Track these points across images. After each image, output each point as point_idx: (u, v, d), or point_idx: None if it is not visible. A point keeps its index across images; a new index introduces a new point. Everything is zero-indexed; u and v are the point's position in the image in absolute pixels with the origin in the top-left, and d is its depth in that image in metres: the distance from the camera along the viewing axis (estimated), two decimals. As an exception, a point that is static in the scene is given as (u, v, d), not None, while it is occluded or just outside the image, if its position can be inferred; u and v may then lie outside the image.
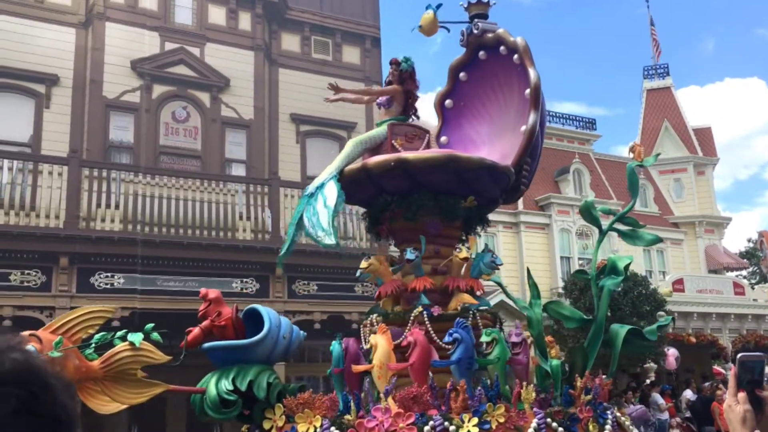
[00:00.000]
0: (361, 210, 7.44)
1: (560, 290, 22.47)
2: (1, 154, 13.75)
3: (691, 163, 29.63)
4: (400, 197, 6.73)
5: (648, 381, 20.19)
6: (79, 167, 14.09)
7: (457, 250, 6.67)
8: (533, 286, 7.33)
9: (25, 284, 13.11)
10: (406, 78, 7.57)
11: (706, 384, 19.84)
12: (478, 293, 6.95)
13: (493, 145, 7.35)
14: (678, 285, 23.82)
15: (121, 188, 13.94)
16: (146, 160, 14.71)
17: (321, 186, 6.68)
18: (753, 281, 36.98)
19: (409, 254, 6.47)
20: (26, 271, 13.21)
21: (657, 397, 18.49)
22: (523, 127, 6.89)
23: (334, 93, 7.83)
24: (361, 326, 6.86)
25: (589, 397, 6.00)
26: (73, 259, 13.49)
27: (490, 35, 7.54)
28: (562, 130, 27.13)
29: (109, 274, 13.56)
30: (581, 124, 27.92)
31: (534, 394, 5.61)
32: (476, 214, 7.03)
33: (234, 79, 16.18)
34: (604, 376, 6.88)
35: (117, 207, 13.97)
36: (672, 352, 20.18)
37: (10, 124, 14.11)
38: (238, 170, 15.90)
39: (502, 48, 7.41)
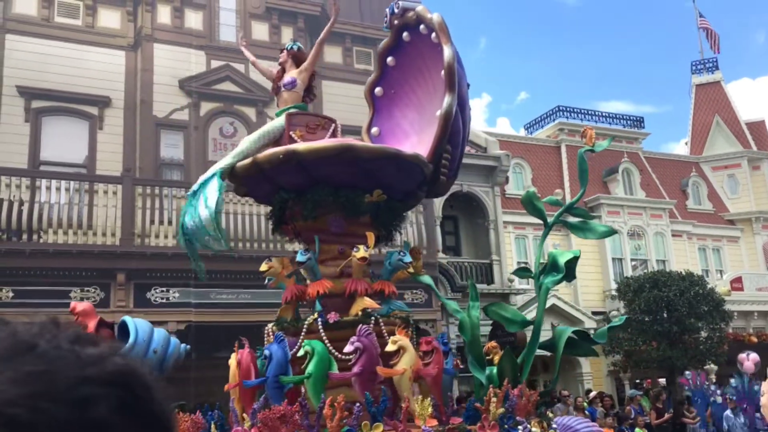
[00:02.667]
0: (411, 217, 7.34)
1: (613, 292, 22.07)
2: (59, 175, 14.23)
3: (746, 158, 28.79)
4: (298, 194, 6.10)
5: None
6: (133, 185, 14.47)
7: (355, 250, 5.89)
8: (472, 287, 6.80)
9: (85, 301, 13.51)
10: (302, 59, 6.91)
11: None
12: (393, 296, 6.25)
13: (423, 133, 6.65)
14: (736, 283, 23.16)
15: (173, 204, 14.26)
16: (196, 176, 14.99)
17: (204, 183, 6.13)
18: (816, 277, 35.64)
19: (300, 256, 5.85)
20: (86, 288, 13.61)
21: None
22: (438, 112, 6.12)
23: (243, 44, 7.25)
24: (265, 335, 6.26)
25: (501, 410, 5.39)
26: (130, 275, 13.85)
27: (410, 14, 6.79)
28: (609, 129, 26.69)
29: (164, 289, 13.87)
30: (629, 122, 27.45)
31: (430, 409, 5.07)
32: (387, 209, 6.32)
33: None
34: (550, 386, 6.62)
35: (170, 223, 14.28)
36: (752, 357, 19.48)
37: (67, 146, 14.59)
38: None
39: (422, 27, 6.68)
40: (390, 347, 5.27)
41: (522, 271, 7.28)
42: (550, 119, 26.44)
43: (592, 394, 16.90)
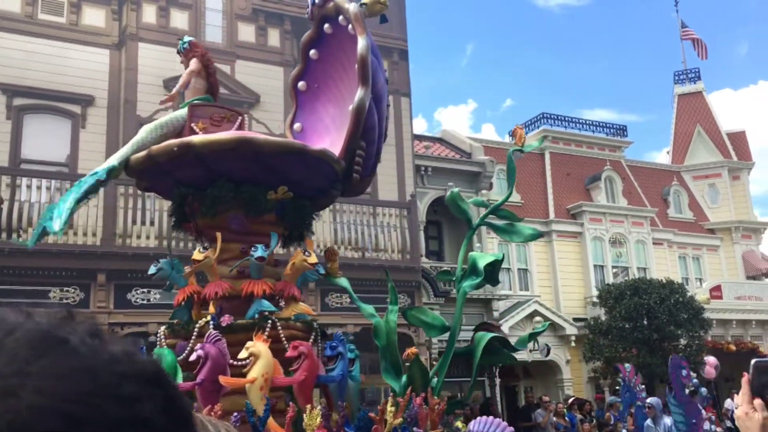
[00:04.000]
0: (394, 221, 7.33)
1: (594, 299, 22.22)
2: (41, 174, 14.07)
3: (726, 168, 29.14)
4: (197, 189, 5.80)
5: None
6: (115, 185, 14.35)
7: (254, 249, 5.55)
8: (392, 290, 6.57)
9: (64, 301, 13.36)
10: (192, 56, 6.68)
11: (748, 393, 19.41)
12: (295, 299, 5.88)
13: (342, 129, 6.30)
14: (716, 292, 23.41)
15: (155, 205, 14.15)
16: (179, 177, 14.94)
17: (94, 173, 5.85)
18: (793, 287, 36.12)
19: (197, 255, 5.56)
20: (65, 288, 13.46)
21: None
22: (351, 107, 5.82)
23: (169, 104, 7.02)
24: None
25: (399, 420, 5.12)
26: (111, 275, 13.72)
27: (330, 4, 6.45)
28: (592, 137, 26.93)
29: (145, 290, 13.75)
30: (612, 131, 27.69)
31: (319, 419, 4.73)
32: (294, 207, 5.99)
33: (264, 95, 16.36)
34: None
35: (152, 224, 14.18)
36: (710, 361, 19.75)
37: (48, 144, 14.44)
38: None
39: (341, 18, 6.37)
40: (242, 354, 4.95)
41: (443, 274, 6.90)
42: (534, 126, 26.60)
43: (571, 399, 17.01)
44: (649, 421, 10.10)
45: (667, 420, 9.78)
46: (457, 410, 6.66)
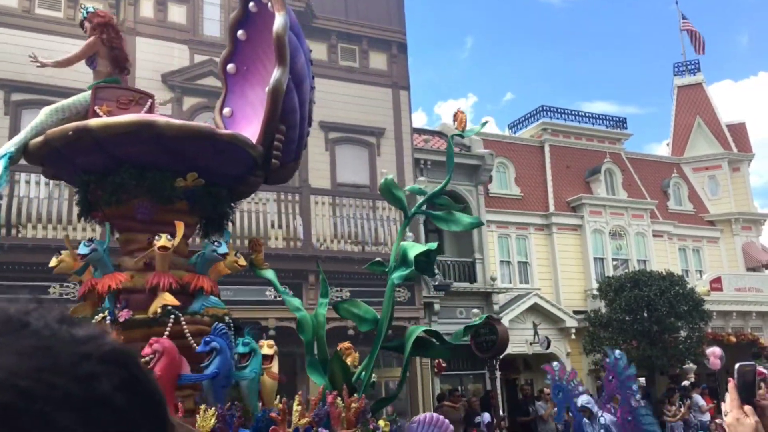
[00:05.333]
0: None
1: (594, 292, 22.22)
2: (39, 169, 14.03)
3: (726, 160, 29.10)
4: (100, 176, 5.45)
5: (687, 382, 19.85)
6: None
7: (156, 238, 5.17)
8: (323, 282, 6.31)
9: (64, 297, 13.36)
10: (98, 28, 6.23)
11: (748, 384, 19.44)
12: (205, 291, 5.56)
13: None
14: (716, 284, 23.41)
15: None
16: (178, 172, 14.93)
17: None
18: (793, 278, 36.15)
19: (83, 248, 5.20)
20: (65, 284, 13.45)
21: (698, 398, 18.18)
22: (267, 88, 5.47)
23: (38, 64, 6.59)
24: None
25: (304, 421, 4.89)
26: (110, 270, 13.70)
27: None
28: (592, 129, 26.87)
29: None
30: (611, 123, 27.63)
31: (214, 420, 4.45)
32: (207, 195, 5.64)
33: (262, 89, 16.33)
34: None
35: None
36: (716, 352, 19.76)
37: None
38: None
39: None
40: (267, 351, 4.89)
41: (375, 265, 6.46)
42: (533, 119, 26.55)
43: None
44: (585, 420, 10.05)
45: (608, 417, 9.65)
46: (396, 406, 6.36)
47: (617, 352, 10.22)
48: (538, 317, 21.31)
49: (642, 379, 21.89)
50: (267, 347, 5.24)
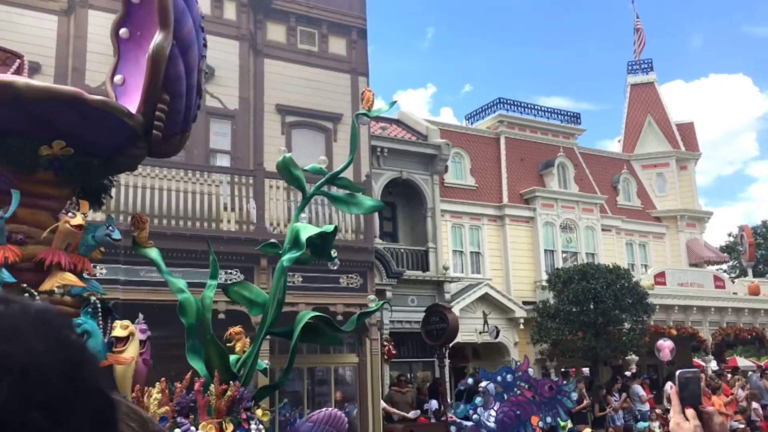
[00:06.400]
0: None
1: (544, 283, 22.60)
2: None
3: (674, 158, 29.87)
4: None
5: (628, 373, 20.40)
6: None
7: (71, 215, 4.94)
8: (213, 263, 5.99)
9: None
10: None
11: (687, 376, 20.06)
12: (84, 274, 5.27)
13: None
14: (660, 278, 24.05)
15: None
16: (129, 150, 14.59)
17: None
18: (733, 275, 37.41)
19: None
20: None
21: (638, 388, 18.71)
22: (147, 54, 5.12)
23: None
24: None
25: (164, 410, 4.69)
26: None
27: None
28: (547, 123, 27.24)
29: (92, 264, 13.42)
30: (566, 118, 28.04)
31: None
32: (78, 166, 5.27)
33: (219, 69, 16.04)
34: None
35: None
36: (666, 345, 20.32)
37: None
38: (223, 161, 15.78)
39: None
40: (119, 332, 4.59)
41: (268, 247, 6.18)
42: (490, 111, 26.76)
43: None
44: (480, 407, 9.90)
45: (496, 406, 9.62)
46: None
47: (575, 394, 10.49)
48: (489, 307, 21.60)
49: (586, 369, 22.46)
50: (120, 328, 4.81)
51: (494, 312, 21.75)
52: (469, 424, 9.83)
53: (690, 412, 1.74)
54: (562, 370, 22.13)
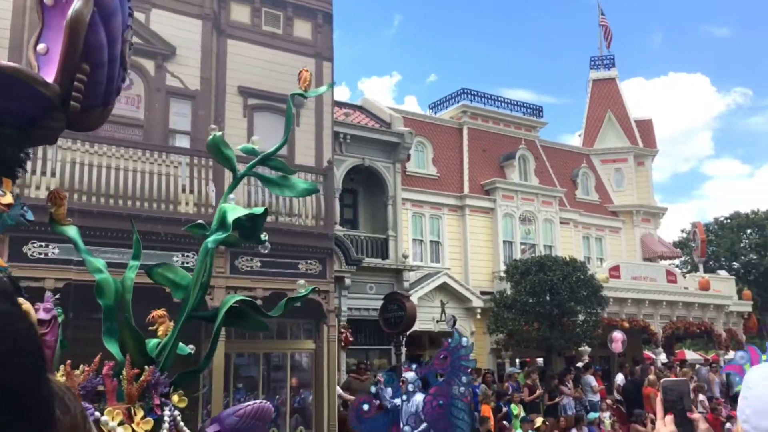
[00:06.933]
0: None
1: (502, 274, 22.83)
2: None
3: (632, 154, 30.40)
4: None
5: (581, 364, 20.77)
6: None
7: (1, 194, 4.78)
8: (136, 243, 5.90)
9: (-47, 252, 12.55)
10: None
11: (637, 368, 20.54)
12: None
13: None
14: (614, 271, 24.49)
15: (58, 155, 13.44)
16: (86, 128, 14.22)
17: None
18: (685, 270, 38.35)
19: None
20: (-46, 239, 12.63)
21: (590, 379, 19.05)
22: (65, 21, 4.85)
23: None
24: None
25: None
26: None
27: None
28: (509, 116, 27.43)
29: (43, 244, 13.07)
30: (528, 111, 28.27)
31: None
32: None
33: (180, 48, 15.72)
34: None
35: (53, 175, 13.46)
36: (618, 336, 20.72)
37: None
38: (182, 142, 15.50)
39: None
40: (42, 315, 4.43)
41: (195, 227, 5.95)
42: (454, 101, 26.83)
43: (468, 370, 17.48)
44: (403, 397, 9.70)
45: (419, 398, 9.47)
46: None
47: (465, 339, 9.83)
48: (446, 296, 21.74)
49: (540, 360, 22.80)
50: (43, 311, 4.64)
51: (452, 301, 21.90)
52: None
53: (668, 417, 1.80)
54: (517, 360, 22.44)
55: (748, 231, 48.89)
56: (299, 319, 16.33)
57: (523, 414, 16.17)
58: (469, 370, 9.61)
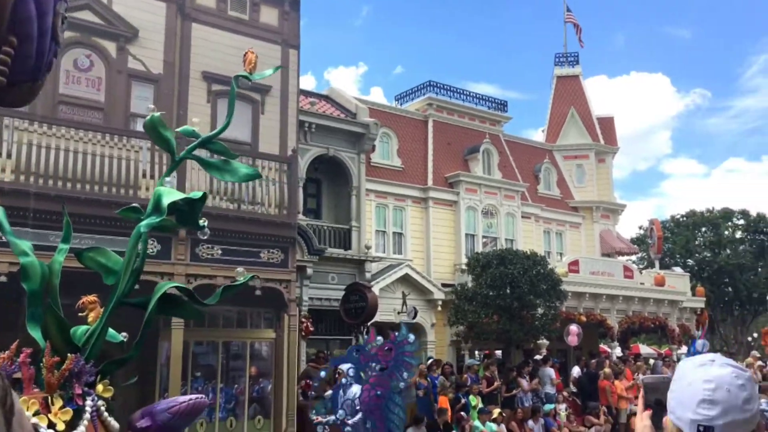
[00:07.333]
0: (273, 175, 6.90)
1: (463, 266, 22.99)
2: None
3: (593, 151, 30.84)
4: None
5: (539, 356, 21.06)
6: (-32, 111, 13.11)
7: None
8: (66, 226, 5.66)
9: None
10: None
11: (593, 361, 20.93)
12: None
13: None
14: (573, 266, 24.86)
15: (14, 137, 13.08)
16: (43, 109, 13.86)
17: None
18: (641, 266, 39.15)
19: None
20: None
21: (548, 371, 19.35)
22: None
23: None
24: None
25: None
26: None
27: None
28: (474, 109, 27.57)
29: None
30: (493, 105, 28.45)
31: None
32: None
33: (143, 31, 15.42)
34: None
35: (9, 156, 13.10)
36: (574, 330, 21.04)
37: None
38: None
39: None
40: None
41: (129, 211, 5.66)
42: (420, 93, 26.85)
43: (430, 361, 17.62)
44: (339, 390, 9.51)
45: (355, 389, 9.29)
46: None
47: (411, 336, 9.56)
48: (408, 287, 21.82)
49: (499, 352, 23.07)
50: None
51: (414, 293, 22.00)
52: (332, 418, 9.45)
53: (645, 413, 1.83)
54: (477, 351, 22.66)
55: (703, 229, 50.10)
56: (260, 308, 16.23)
57: (481, 405, 16.36)
58: (412, 367, 9.45)
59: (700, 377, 1.62)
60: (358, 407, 9.22)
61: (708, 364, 1.66)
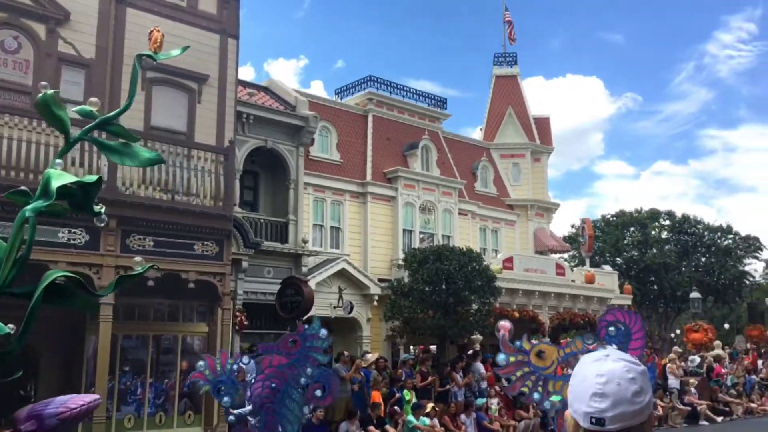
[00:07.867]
0: (209, 166, 6.74)
1: (400, 262, 23.10)
2: None
3: (529, 150, 31.45)
4: None
5: (471, 351, 21.36)
6: None
7: None
8: None
9: None
10: None
11: (525, 356, 21.33)
12: None
13: None
14: (508, 263, 25.30)
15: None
16: (-34, 91, 13.22)
17: None
18: (573, 264, 40.20)
19: None
20: None
21: (480, 366, 19.64)
22: None
23: None
24: None
25: None
26: None
27: None
28: (414, 106, 27.71)
29: None
30: (433, 102, 28.66)
31: None
32: None
33: (75, 14, 14.89)
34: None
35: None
36: (506, 326, 21.32)
37: None
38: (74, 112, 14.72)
39: None
40: None
41: (16, 194, 5.10)
42: (360, 88, 26.82)
43: (368, 356, 17.64)
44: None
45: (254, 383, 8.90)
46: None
47: (324, 331, 9.09)
48: (345, 282, 21.79)
49: (433, 347, 23.29)
50: None
51: (350, 288, 21.99)
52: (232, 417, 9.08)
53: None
54: (411, 347, 22.82)
55: (632, 229, 51.79)
56: (193, 302, 15.92)
57: (415, 400, 16.49)
58: (318, 364, 8.84)
59: (593, 372, 1.66)
60: (247, 399, 8.74)
61: (602, 359, 1.70)
